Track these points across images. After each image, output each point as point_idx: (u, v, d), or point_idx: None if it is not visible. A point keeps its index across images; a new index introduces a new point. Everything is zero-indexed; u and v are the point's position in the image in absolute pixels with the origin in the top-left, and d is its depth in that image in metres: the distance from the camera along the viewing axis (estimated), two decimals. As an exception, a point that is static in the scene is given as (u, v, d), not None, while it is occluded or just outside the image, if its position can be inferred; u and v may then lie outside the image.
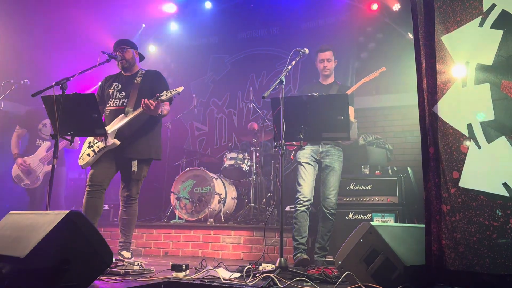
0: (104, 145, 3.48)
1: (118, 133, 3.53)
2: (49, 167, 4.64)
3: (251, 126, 5.76)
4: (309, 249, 3.98)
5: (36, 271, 2.07)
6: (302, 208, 3.77)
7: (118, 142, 3.48)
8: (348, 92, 3.91)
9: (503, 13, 2.08)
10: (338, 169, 3.93)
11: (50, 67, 6.02)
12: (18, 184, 4.85)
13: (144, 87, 3.67)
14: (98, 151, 3.52)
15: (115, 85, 3.73)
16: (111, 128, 3.51)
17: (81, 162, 3.61)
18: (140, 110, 3.46)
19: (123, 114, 3.56)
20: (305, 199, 3.78)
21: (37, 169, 4.85)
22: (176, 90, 3.46)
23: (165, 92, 3.47)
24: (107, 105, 3.68)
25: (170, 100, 3.56)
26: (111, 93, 3.70)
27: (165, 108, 3.61)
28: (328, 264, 3.68)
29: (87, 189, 3.48)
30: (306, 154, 3.92)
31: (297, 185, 3.88)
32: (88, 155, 3.56)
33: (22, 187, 4.87)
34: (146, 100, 3.37)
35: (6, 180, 5.64)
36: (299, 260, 3.58)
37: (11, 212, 2.58)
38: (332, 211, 3.86)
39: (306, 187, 3.81)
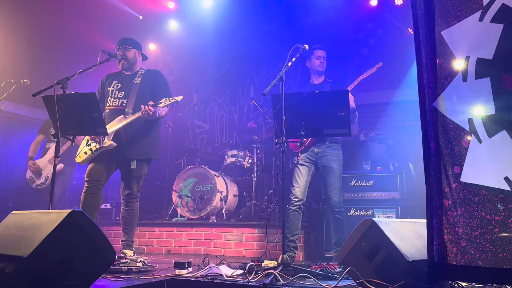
0: (100, 145, 3.49)
1: (117, 134, 3.54)
2: (59, 168, 4.61)
3: (250, 125, 5.79)
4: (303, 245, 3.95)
5: (40, 270, 2.07)
6: (294, 208, 3.82)
7: (114, 144, 3.49)
8: (349, 89, 3.91)
9: (503, 7, 2.07)
10: (337, 168, 3.91)
11: (51, 66, 6.01)
12: (30, 186, 4.90)
13: (143, 88, 3.67)
14: (95, 150, 3.53)
15: (115, 83, 3.74)
16: (110, 129, 3.51)
17: (78, 159, 3.62)
18: (139, 114, 3.48)
19: (122, 116, 3.57)
20: (296, 200, 3.82)
21: (45, 170, 4.87)
22: (175, 99, 3.49)
23: (164, 100, 3.50)
24: (107, 104, 3.69)
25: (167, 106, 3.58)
26: (110, 91, 3.70)
27: (164, 109, 3.60)
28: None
29: (85, 185, 3.50)
30: (302, 156, 3.95)
31: (291, 186, 3.92)
32: (85, 153, 3.57)
33: (32, 188, 4.91)
34: (145, 107, 3.39)
35: (10, 180, 5.66)
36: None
37: (13, 211, 2.59)
38: (337, 209, 3.86)
39: (298, 188, 3.85)
